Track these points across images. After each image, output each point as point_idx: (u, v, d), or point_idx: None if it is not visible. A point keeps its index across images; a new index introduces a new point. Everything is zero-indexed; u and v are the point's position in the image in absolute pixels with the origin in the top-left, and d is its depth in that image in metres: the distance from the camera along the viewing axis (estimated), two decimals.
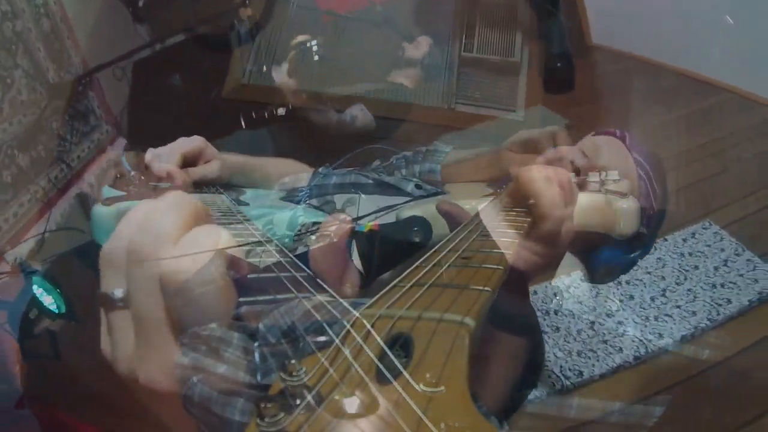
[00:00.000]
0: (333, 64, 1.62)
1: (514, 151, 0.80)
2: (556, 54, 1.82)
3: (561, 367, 1.30)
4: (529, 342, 0.56)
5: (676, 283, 1.47)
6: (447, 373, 0.19)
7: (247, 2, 1.59)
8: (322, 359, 0.20)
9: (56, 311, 0.90)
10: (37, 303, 0.91)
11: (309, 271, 0.29)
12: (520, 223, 0.42)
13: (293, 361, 0.20)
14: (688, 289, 1.45)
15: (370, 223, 0.63)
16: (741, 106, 2.08)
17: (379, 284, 0.28)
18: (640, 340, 1.34)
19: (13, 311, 0.95)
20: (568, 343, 1.35)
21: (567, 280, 1.50)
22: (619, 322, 1.39)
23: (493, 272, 0.30)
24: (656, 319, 1.39)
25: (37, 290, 0.91)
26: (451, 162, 0.85)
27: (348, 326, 0.22)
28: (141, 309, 0.26)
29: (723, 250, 1.55)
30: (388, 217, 0.64)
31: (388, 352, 0.20)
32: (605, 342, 1.35)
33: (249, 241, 0.34)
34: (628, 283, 1.48)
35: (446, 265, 0.30)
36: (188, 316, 0.26)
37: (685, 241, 1.59)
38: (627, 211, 0.52)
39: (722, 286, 1.46)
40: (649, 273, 1.51)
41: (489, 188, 0.70)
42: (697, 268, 1.51)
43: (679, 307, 1.41)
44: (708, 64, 2.19)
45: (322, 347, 0.22)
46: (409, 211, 0.59)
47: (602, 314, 1.41)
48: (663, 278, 1.49)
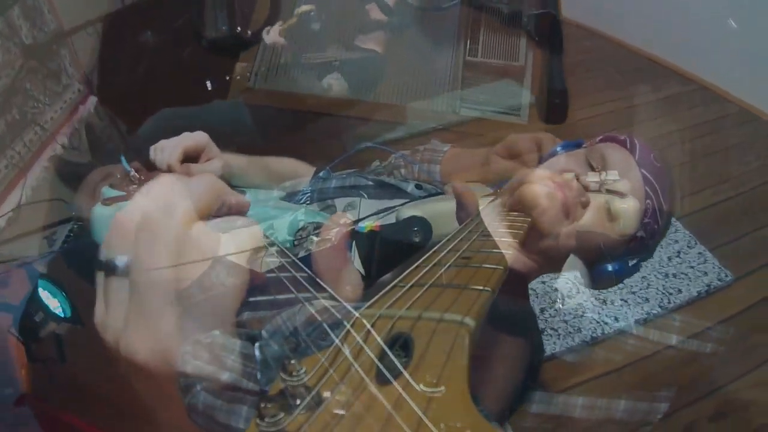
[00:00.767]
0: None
1: (501, 155, 0.80)
2: (556, 90, 1.87)
3: None
4: (528, 343, 0.56)
5: None
6: (447, 373, 0.19)
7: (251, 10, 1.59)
8: (322, 359, 0.20)
9: (62, 315, 0.91)
10: (42, 306, 0.91)
11: (310, 273, 0.29)
12: (520, 224, 0.42)
13: (293, 361, 0.20)
14: (643, 277, 1.50)
15: (370, 224, 0.63)
16: (706, 98, 2.10)
17: (380, 285, 0.28)
18: (598, 322, 1.40)
19: (19, 315, 0.95)
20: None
21: None
22: (579, 304, 1.44)
23: (493, 272, 0.30)
24: (613, 303, 1.44)
25: (43, 294, 0.91)
26: (450, 161, 0.85)
27: (348, 326, 0.22)
28: (140, 278, 0.26)
29: (677, 241, 1.59)
30: (388, 217, 0.64)
31: (388, 352, 0.20)
32: (565, 322, 1.40)
33: (251, 247, 0.34)
34: None
35: (446, 265, 0.30)
36: (194, 310, 0.26)
37: None
38: (627, 210, 0.52)
39: (674, 276, 1.52)
40: None
41: (489, 188, 0.70)
42: (651, 257, 1.55)
43: (633, 293, 1.47)
44: (676, 53, 2.20)
45: (322, 347, 0.22)
46: (409, 211, 0.59)
47: (564, 295, 1.46)
48: None
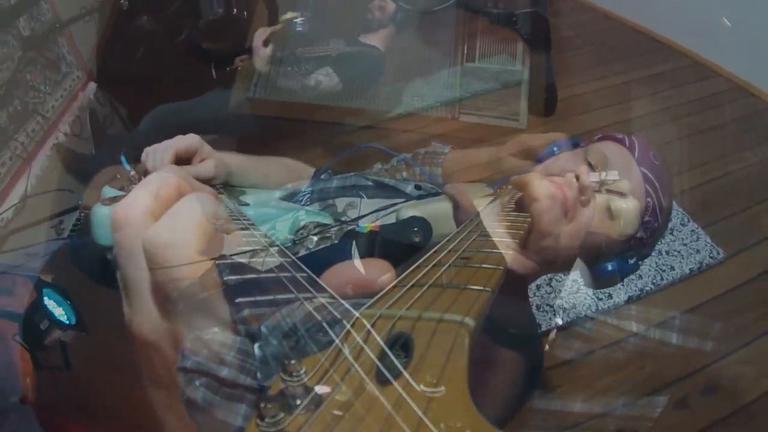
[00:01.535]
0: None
1: (514, 154, 0.80)
2: (545, 85, 1.89)
3: None
4: (527, 346, 0.56)
5: None
6: (447, 374, 0.19)
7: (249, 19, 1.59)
8: (323, 359, 0.20)
9: (67, 322, 0.92)
10: (47, 314, 0.92)
11: (310, 273, 0.29)
12: (520, 224, 0.42)
13: (293, 362, 0.20)
14: None
15: (370, 224, 0.63)
16: (700, 74, 2.11)
17: None
18: (592, 299, 1.41)
19: (23, 323, 0.96)
20: (528, 297, 1.40)
21: None
22: (574, 280, 1.44)
23: (492, 272, 0.30)
24: None
25: (48, 302, 0.92)
26: (451, 162, 0.85)
27: (348, 326, 0.22)
28: (124, 273, 0.30)
29: (670, 219, 1.60)
30: (388, 217, 0.64)
31: (389, 353, 0.20)
32: (561, 298, 1.42)
33: (251, 248, 0.34)
34: None
35: (446, 266, 0.30)
36: (168, 286, 0.29)
37: None
38: (627, 210, 0.52)
39: (667, 253, 1.54)
40: None
41: (489, 188, 0.70)
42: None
43: None
44: (669, 27, 2.19)
45: (323, 348, 0.22)
46: (409, 211, 0.59)
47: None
48: None
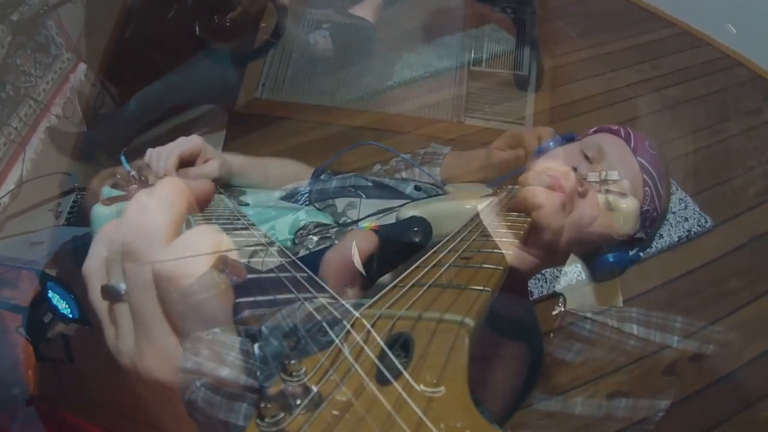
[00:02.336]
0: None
1: (500, 148, 0.81)
2: (532, 63, 1.89)
3: None
4: (528, 343, 0.56)
5: None
6: (447, 374, 0.19)
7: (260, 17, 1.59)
8: (323, 359, 0.20)
9: (70, 316, 0.92)
10: (51, 307, 0.92)
11: (310, 272, 0.29)
12: (520, 223, 0.42)
13: (293, 361, 0.20)
14: None
15: (369, 224, 0.63)
16: (688, 42, 2.11)
17: (379, 285, 0.28)
18: (581, 268, 1.40)
19: (27, 316, 0.96)
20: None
21: None
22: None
23: (493, 272, 0.30)
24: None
25: (52, 295, 0.92)
26: (450, 163, 0.85)
27: (348, 326, 0.22)
28: (137, 304, 0.26)
29: (669, 208, 1.61)
30: (388, 217, 0.64)
31: (388, 353, 0.20)
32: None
33: (250, 245, 0.34)
34: None
35: (446, 266, 0.30)
36: (185, 320, 0.26)
37: None
38: (627, 211, 0.52)
39: None
40: None
41: (489, 188, 0.70)
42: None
43: None
44: None
45: (323, 348, 0.22)
46: (409, 211, 0.59)
47: None
48: None
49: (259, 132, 1.72)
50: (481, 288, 0.27)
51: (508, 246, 0.35)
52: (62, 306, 0.92)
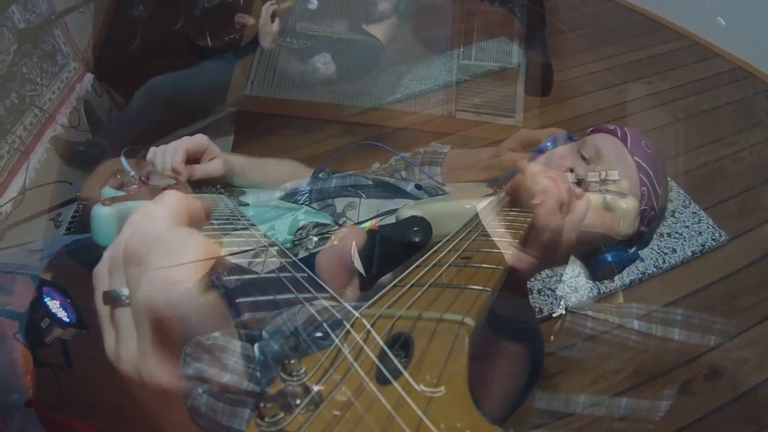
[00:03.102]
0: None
1: (513, 149, 0.81)
2: (541, 64, 1.89)
3: None
4: (529, 343, 0.56)
5: None
6: (447, 374, 0.19)
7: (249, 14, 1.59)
8: (322, 359, 0.20)
9: (67, 320, 0.92)
10: (48, 312, 0.92)
11: (310, 273, 0.29)
12: (520, 223, 0.42)
13: (293, 361, 0.20)
14: None
15: (369, 224, 0.63)
16: (699, 54, 2.10)
17: (380, 285, 0.28)
18: (594, 282, 1.38)
19: (24, 322, 0.96)
20: (529, 282, 1.37)
21: None
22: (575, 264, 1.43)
23: (493, 272, 0.30)
24: None
25: (49, 301, 0.92)
26: (451, 162, 0.85)
27: (348, 326, 0.22)
28: (139, 309, 0.26)
29: (671, 200, 1.59)
30: (388, 217, 0.64)
31: (388, 352, 0.20)
32: (562, 282, 1.40)
33: (250, 248, 0.34)
34: None
35: (446, 265, 0.30)
36: (180, 326, 0.26)
37: None
38: (627, 211, 0.52)
39: (669, 235, 1.53)
40: None
41: (489, 188, 0.70)
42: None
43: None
44: (667, 7, 2.17)
45: (323, 347, 0.22)
46: (409, 211, 0.59)
47: None
48: None
49: (249, 129, 1.71)
50: (481, 288, 0.26)
51: (508, 246, 0.35)
52: (59, 311, 0.92)
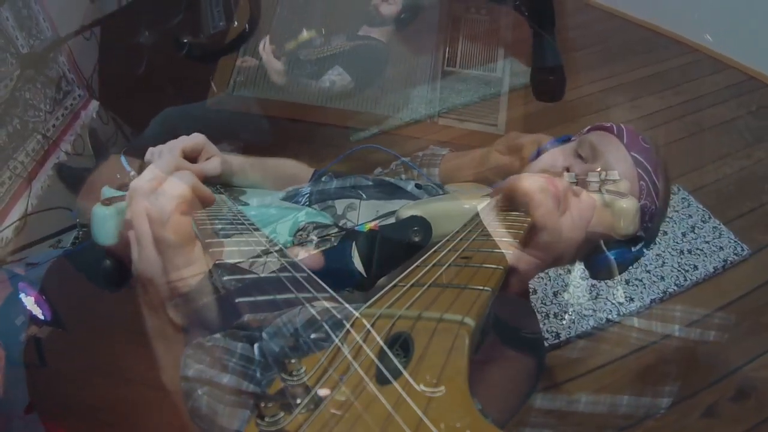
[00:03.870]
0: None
1: (501, 152, 0.81)
2: (551, 67, 1.86)
3: None
4: (530, 345, 0.55)
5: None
6: (447, 373, 0.19)
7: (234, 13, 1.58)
8: (322, 359, 0.20)
9: (43, 318, 0.90)
10: (23, 309, 0.91)
11: (310, 273, 0.29)
12: (519, 223, 0.42)
13: (293, 361, 0.19)
14: (657, 254, 1.48)
15: (369, 224, 0.63)
16: (712, 66, 2.07)
17: (380, 285, 0.28)
18: (613, 304, 1.37)
19: None
20: (545, 305, 1.37)
21: None
22: (592, 285, 1.41)
23: (493, 272, 0.29)
24: (627, 282, 1.42)
25: (24, 297, 0.91)
26: (448, 164, 0.85)
27: (348, 326, 0.22)
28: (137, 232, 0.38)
29: (690, 216, 1.58)
30: (388, 218, 0.64)
31: (388, 352, 0.20)
32: (580, 305, 1.38)
33: (252, 247, 0.34)
34: None
35: (446, 265, 0.30)
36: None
37: None
38: (627, 211, 0.52)
39: (689, 252, 1.50)
40: None
41: (489, 188, 0.70)
42: (665, 233, 1.54)
43: (648, 271, 1.45)
44: (677, 21, 2.16)
45: (323, 347, 0.22)
46: (409, 211, 0.59)
47: (577, 277, 1.44)
48: None
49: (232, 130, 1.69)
50: (481, 287, 0.26)
51: (508, 246, 0.35)
52: (34, 308, 0.90)
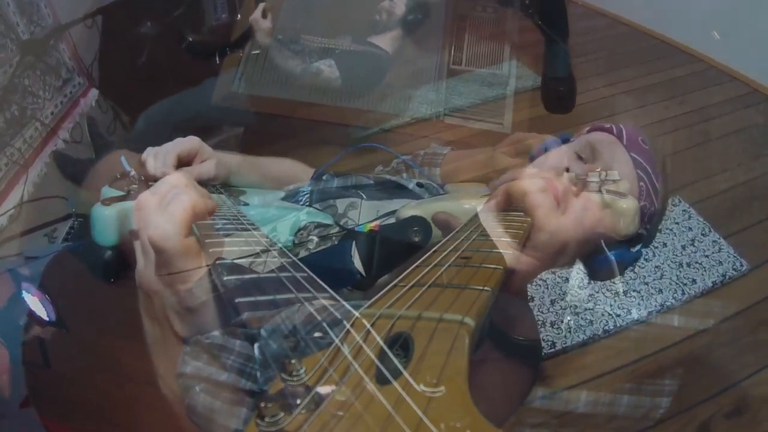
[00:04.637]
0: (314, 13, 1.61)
1: (506, 153, 0.81)
2: (561, 77, 1.84)
3: None
4: (527, 344, 0.55)
5: (645, 260, 1.49)
6: (447, 373, 0.19)
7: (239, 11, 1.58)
8: (322, 359, 0.20)
9: (47, 319, 0.90)
10: (26, 310, 0.91)
11: (310, 273, 0.29)
12: (519, 224, 0.42)
13: (293, 361, 0.19)
14: (656, 266, 1.48)
15: (370, 224, 0.63)
16: (716, 78, 2.06)
17: (380, 286, 0.28)
18: (610, 314, 1.36)
19: (2, 318, 0.94)
20: (542, 313, 1.37)
21: None
22: (590, 295, 1.41)
23: (492, 272, 0.29)
24: (625, 294, 1.41)
25: (27, 297, 0.91)
26: (450, 163, 0.85)
27: (348, 326, 0.22)
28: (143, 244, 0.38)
29: (691, 229, 1.57)
30: (388, 217, 0.64)
31: (388, 352, 0.20)
32: (577, 314, 1.37)
33: (250, 248, 0.34)
34: None
35: (446, 265, 0.30)
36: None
37: None
38: (627, 211, 0.52)
39: (688, 265, 1.49)
40: None
41: (489, 189, 0.70)
42: (665, 245, 1.53)
43: (647, 283, 1.44)
44: (683, 31, 2.15)
45: (323, 348, 0.22)
46: (409, 211, 0.59)
47: (575, 286, 1.44)
48: None
49: (236, 128, 1.69)
50: (481, 287, 0.26)
51: (507, 246, 0.35)
52: (38, 308, 0.90)
